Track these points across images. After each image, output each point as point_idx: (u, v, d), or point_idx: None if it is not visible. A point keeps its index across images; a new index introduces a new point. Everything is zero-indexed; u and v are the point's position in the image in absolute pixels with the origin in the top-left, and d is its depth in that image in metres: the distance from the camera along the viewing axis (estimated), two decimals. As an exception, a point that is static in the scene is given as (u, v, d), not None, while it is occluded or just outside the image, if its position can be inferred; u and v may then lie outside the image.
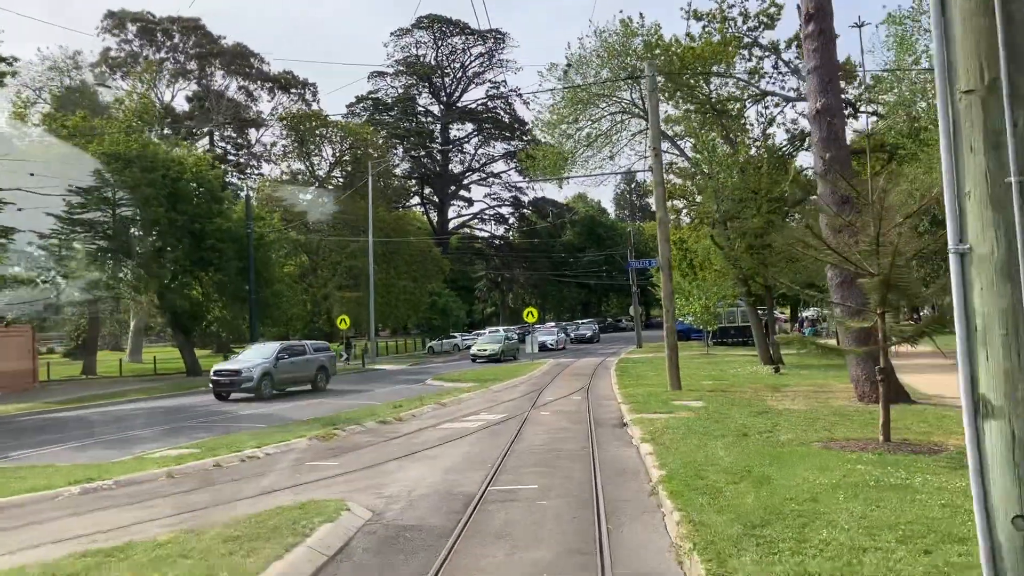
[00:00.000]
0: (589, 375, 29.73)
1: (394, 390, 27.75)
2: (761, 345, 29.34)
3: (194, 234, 37.73)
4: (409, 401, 21.79)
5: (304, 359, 28.07)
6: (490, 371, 32.50)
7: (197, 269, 39.28)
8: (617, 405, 19.05)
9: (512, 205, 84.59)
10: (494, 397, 22.83)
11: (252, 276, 38.37)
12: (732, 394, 19.80)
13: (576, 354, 46.36)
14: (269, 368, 26.08)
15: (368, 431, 16.50)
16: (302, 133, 53.51)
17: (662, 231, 21.26)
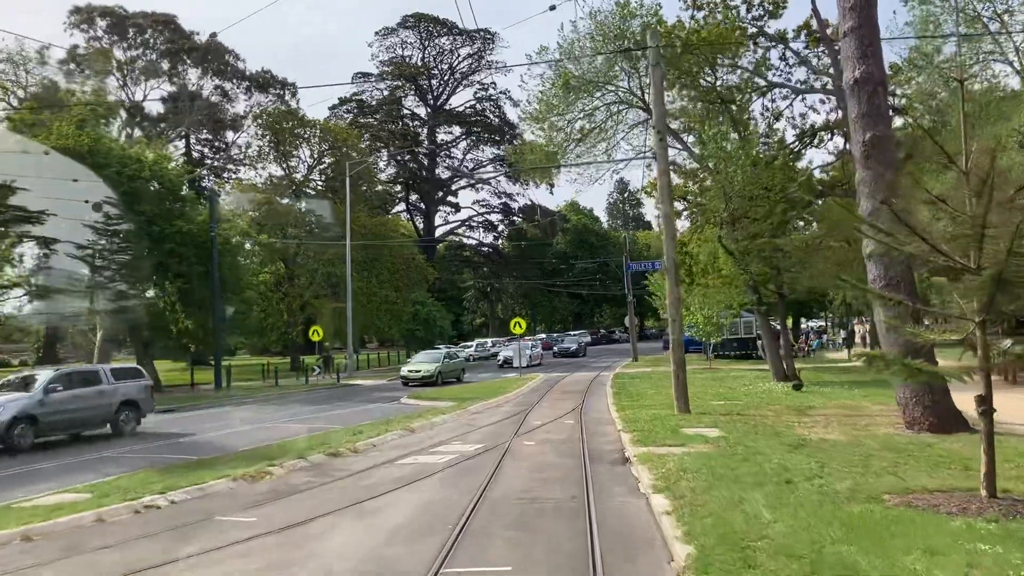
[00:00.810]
0: (582, 392, 26.72)
1: (362, 410, 24.66)
2: (774, 359, 26.39)
3: (153, 237, 34.66)
4: (373, 426, 18.71)
5: (96, 391, 19.36)
6: (470, 389, 29.46)
7: (156, 275, 36.18)
8: (616, 433, 16.03)
9: (502, 212, 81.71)
10: (472, 420, 19.78)
11: (216, 282, 35.25)
12: (751, 418, 16.81)
13: (567, 368, 43.33)
14: (29, 407, 17.50)
15: (313, 468, 13.43)
16: (278, 133, 50.48)
17: (668, 228, 18.32)
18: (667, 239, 18.28)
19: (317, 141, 52.67)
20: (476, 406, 22.76)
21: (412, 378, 34.27)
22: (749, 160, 24.79)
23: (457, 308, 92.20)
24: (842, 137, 34.39)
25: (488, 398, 25.21)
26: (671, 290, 18.34)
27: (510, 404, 23.92)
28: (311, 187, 54.20)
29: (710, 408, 19.18)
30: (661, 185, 18.25)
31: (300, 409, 25.91)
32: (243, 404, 29.58)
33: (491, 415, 20.80)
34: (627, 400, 22.06)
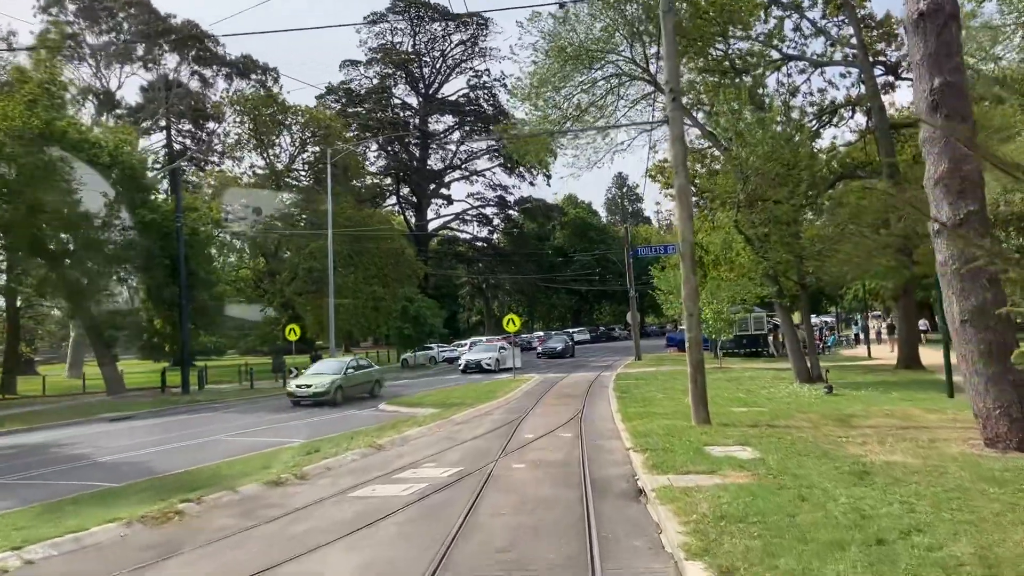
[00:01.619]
0: (582, 397, 23.83)
1: (333, 419, 21.77)
2: (796, 358, 23.51)
3: (111, 227, 31.81)
4: (336, 441, 15.82)
5: None
6: (458, 392, 26.54)
7: (118, 269, 33.31)
8: (624, 451, 13.15)
9: (497, 205, 78.62)
10: (454, 433, 16.88)
11: (183, 276, 32.32)
12: (786, 432, 13.94)
13: (562, 368, 40.45)
14: None
15: (239, 504, 10.56)
16: (257, 120, 47.47)
17: (682, 204, 15.40)
18: (682, 217, 15.38)
19: (300, 128, 49.66)
20: (462, 414, 19.85)
21: (301, 396, 25.55)
22: (769, 134, 21.91)
23: (453, 305, 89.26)
24: (864, 115, 31.57)
25: (477, 404, 22.31)
26: (687, 279, 15.45)
27: (501, 411, 21.02)
28: (293, 177, 51.20)
29: (733, 417, 16.31)
30: (675, 154, 15.33)
31: (265, 417, 23.01)
32: (206, 411, 26.71)
33: (476, 426, 17.91)
34: (634, 406, 19.16)
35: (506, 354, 40.33)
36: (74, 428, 22.65)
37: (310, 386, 25.75)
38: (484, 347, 42.95)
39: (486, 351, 41.28)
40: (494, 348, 41.57)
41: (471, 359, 40.29)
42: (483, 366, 38.89)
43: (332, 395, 25.63)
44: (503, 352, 40.54)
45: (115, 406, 29.01)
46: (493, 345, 42.80)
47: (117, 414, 26.29)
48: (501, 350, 40.75)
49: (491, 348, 41.96)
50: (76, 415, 26.14)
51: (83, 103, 49.94)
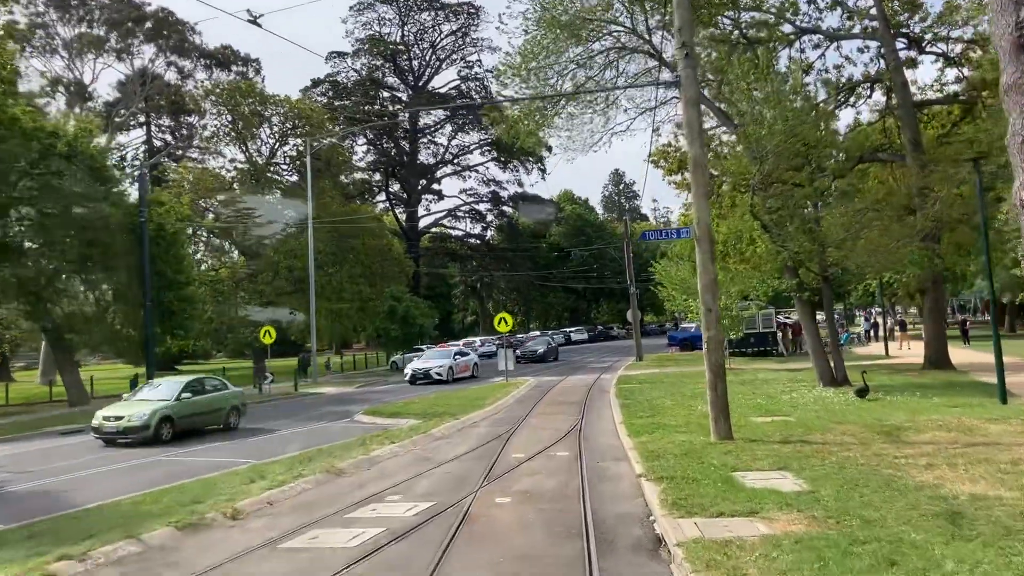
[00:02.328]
0: (580, 404, 21.41)
1: (299, 432, 19.31)
2: (819, 359, 21.08)
3: (70, 223, 29.32)
4: (289, 464, 13.34)
5: None
6: (443, 400, 24.05)
7: (78, 268, 30.81)
8: (633, 478, 10.72)
9: (491, 201, 76.02)
10: (431, 451, 14.43)
11: (147, 276, 29.82)
12: (825, 448, 11.55)
13: (557, 371, 38.02)
14: None
15: (138, 559, 8.16)
16: (235, 110, 44.92)
17: (697, 179, 12.95)
18: (697, 195, 12.94)
19: (280, 120, 47.13)
20: (443, 427, 17.40)
21: (108, 432, 18.29)
22: (789, 108, 19.51)
23: (447, 306, 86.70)
24: (883, 94, 29.20)
25: (463, 414, 19.87)
26: (704, 268, 13.01)
27: (488, 422, 18.59)
28: (274, 172, 48.65)
29: (757, 430, 13.90)
30: (688, 119, 12.90)
31: (223, 432, 20.53)
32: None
33: (459, 442, 15.47)
34: (640, 416, 16.73)
35: (464, 361, 35.84)
36: (11, 445, 20.14)
37: (122, 418, 18.20)
38: (436, 354, 37.45)
39: (437, 359, 35.66)
40: (447, 355, 36.20)
41: (419, 368, 34.45)
42: (433, 376, 33.51)
43: (154, 430, 17.99)
44: (459, 359, 35.77)
45: (71, 418, 26.51)
46: (447, 351, 37.40)
47: (70, 427, 23.80)
48: (457, 357, 35.90)
49: (444, 355, 36.44)
50: (23, 429, 23.67)
51: (52, 95, 47.35)
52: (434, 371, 33.80)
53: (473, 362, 36.89)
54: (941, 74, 28.14)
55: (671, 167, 30.45)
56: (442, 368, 34.01)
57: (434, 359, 35.56)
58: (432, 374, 33.66)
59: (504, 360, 30.60)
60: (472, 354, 37.79)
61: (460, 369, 35.24)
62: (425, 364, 34.83)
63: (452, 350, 37.22)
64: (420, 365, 34.68)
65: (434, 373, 33.68)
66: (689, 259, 33.91)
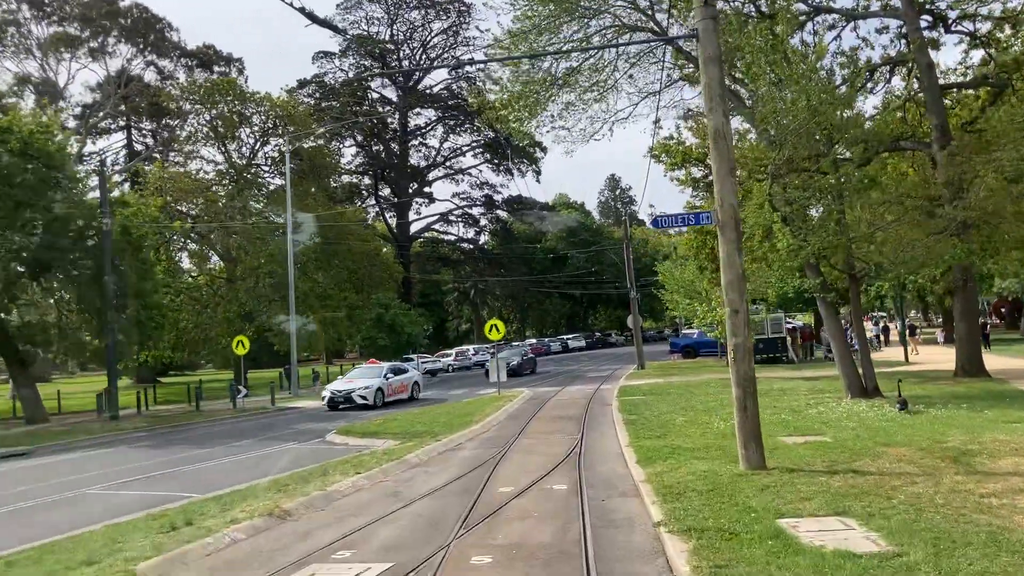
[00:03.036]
0: (579, 420, 19.11)
1: (262, 456, 16.98)
2: (847, 367, 18.79)
3: (24, 226, 27.06)
4: (228, 501, 11.03)
5: None
6: (427, 416, 21.71)
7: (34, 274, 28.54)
8: (649, 527, 8.40)
9: (484, 205, 73.73)
10: (401, 485, 12.09)
11: (108, 282, 27.53)
12: (885, 481, 9.31)
13: (550, 381, 35.74)
14: None
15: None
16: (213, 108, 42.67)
17: (720, 151, 10.69)
18: (719, 173, 10.69)
19: (262, 120, 44.83)
20: (422, 450, 15.07)
21: None
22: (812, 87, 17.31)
23: (441, 313, 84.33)
24: (903, 80, 27.06)
25: (447, 433, 17.56)
26: (730, 262, 10.73)
27: (475, 444, 16.29)
28: (255, 173, 46.30)
29: (792, 455, 11.62)
30: (708, 82, 10.66)
31: (177, 455, 18.19)
32: (119, 443, 21.90)
33: (437, 470, 13.14)
34: (649, 437, 14.44)
35: (399, 380, 29.76)
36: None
37: None
38: (364, 372, 30.54)
39: (364, 378, 29.09)
40: (378, 373, 29.45)
41: (339, 390, 28.32)
42: (356, 400, 27.54)
43: None
44: (393, 379, 29.46)
45: (17, 439, 24.16)
46: (377, 368, 30.36)
47: (9, 450, 21.43)
48: (390, 376, 29.52)
49: (373, 373, 29.58)
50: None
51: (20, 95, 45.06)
52: (357, 394, 27.72)
53: (413, 381, 30.74)
54: (966, 56, 25.98)
55: (674, 161, 28.18)
56: (368, 390, 27.83)
57: (360, 378, 29.23)
58: (355, 398, 27.65)
59: (495, 371, 28.21)
60: (412, 371, 31.95)
61: (394, 390, 29.19)
62: (347, 385, 28.61)
63: (384, 367, 30.35)
64: (341, 386, 28.73)
65: (357, 396, 27.65)
66: (696, 259, 31.78)
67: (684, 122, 27.42)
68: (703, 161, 27.84)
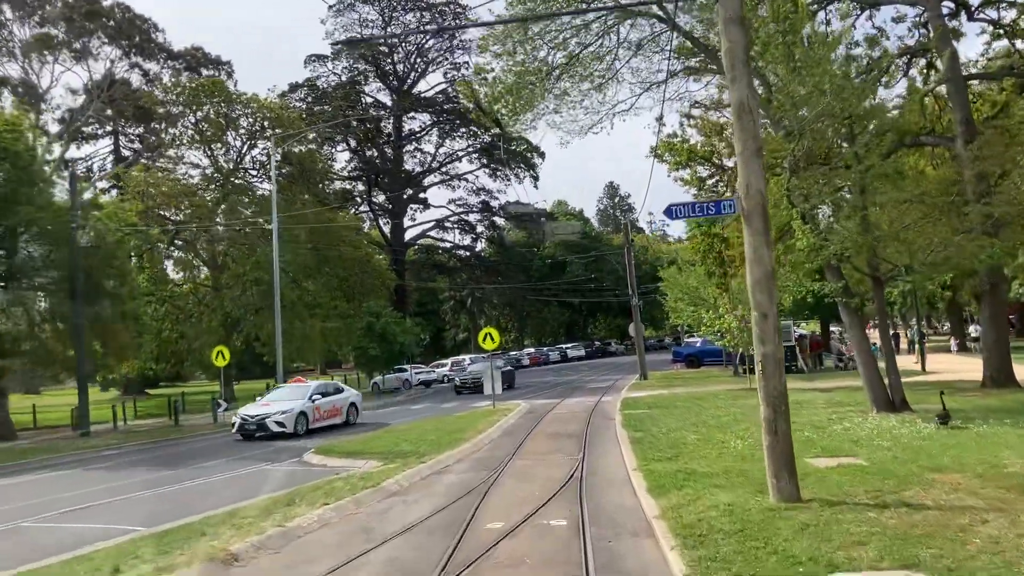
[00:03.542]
0: (580, 438, 17.49)
1: (213, 484, 15.33)
2: (872, 378, 17.18)
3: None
4: (165, 543, 9.41)
5: None
6: (416, 432, 20.03)
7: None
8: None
9: (481, 211, 72.15)
10: (374, 520, 10.47)
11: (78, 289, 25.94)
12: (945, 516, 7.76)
13: (551, 392, 34.11)
14: None
15: None
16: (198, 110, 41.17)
17: (745, 127, 9.12)
18: (744, 155, 9.14)
19: (249, 122, 43.27)
20: (404, 474, 13.42)
21: None
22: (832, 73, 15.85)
23: (438, 322, 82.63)
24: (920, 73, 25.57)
25: (435, 452, 15.95)
26: (757, 257, 9.15)
27: (464, 466, 14.67)
28: (241, 178, 44.69)
29: (828, 482, 10.03)
30: (730, 47, 9.10)
31: (135, 478, 16.56)
32: (75, 464, 20.25)
33: (418, 500, 11.53)
34: (660, 459, 12.82)
35: (329, 402, 24.51)
36: None
37: None
38: (285, 393, 24.93)
39: (283, 400, 23.75)
40: (301, 394, 24.03)
41: (250, 416, 22.84)
42: (271, 428, 22.26)
43: None
44: (321, 400, 24.09)
45: None
46: (301, 389, 24.86)
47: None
48: (317, 397, 24.10)
49: (296, 394, 24.14)
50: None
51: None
52: (273, 420, 22.32)
53: (349, 403, 25.62)
54: (988, 47, 24.53)
55: (678, 160, 26.69)
56: (286, 415, 22.44)
57: (279, 401, 23.77)
58: (269, 425, 22.24)
59: (491, 382, 26.59)
60: (348, 391, 26.68)
61: (324, 414, 24.04)
62: (261, 410, 23.08)
63: (311, 387, 24.93)
64: (254, 411, 23.18)
65: (272, 423, 22.26)
66: (703, 263, 30.20)
67: (688, 120, 25.86)
68: (709, 159, 26.39)
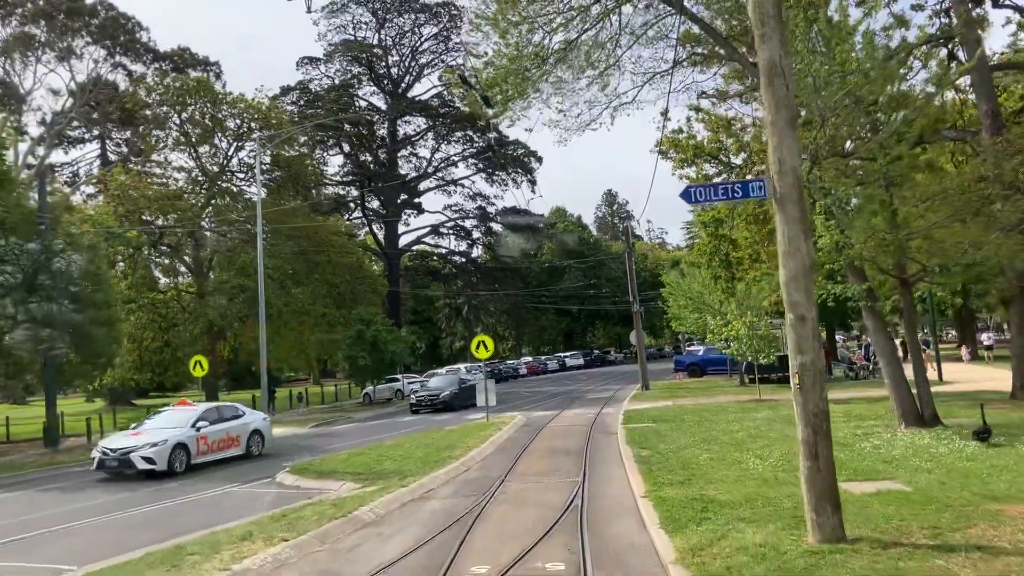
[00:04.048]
0: (580, 456, 15.95)
1: (167, 510, 13.77)
2: (901, 390, 15.66)
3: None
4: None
5: None
6: (402, 449, 18.42)
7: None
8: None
9: (477, 217, 70.63)
10: (338, 559, 8.92)
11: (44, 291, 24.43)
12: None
13: (547, 403, 32.57)
14: None
15: None
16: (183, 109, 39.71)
17: (777, 96, 7.68)
18: (776, 123, 7.69)
19: (236, 124, 41.81)
20: (381, 501, 11.87)
21: None
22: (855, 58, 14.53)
23: (435, 331, 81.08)
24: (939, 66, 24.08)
25: (419, 473, 14.40)
26: (793, 247, 7.67)
27: (449, 489, 13.12)
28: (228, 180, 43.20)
29: (871, 513, 8.57)
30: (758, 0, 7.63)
31: (94, 501, 14.96)
32: (37, 482, 18.62)
33: (393, 533, 9.99)
34: (670, 483, 11.30)
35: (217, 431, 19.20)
36: None
37: None
38: (165, 419, 19.73)
39: (160, 428, 18.76)
40: (184, 421, 18.91)
41: (110, 450, 17.88)
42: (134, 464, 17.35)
43: None
44: (207, 429, 18.87)
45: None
46: (185, 414, 19.53)
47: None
48: (203, 425, 18.88)
49: (176, 421, 19.14)
50: None
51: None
52: (139, 455, 17.40)
53: (250, 430, 20.47)
54: (1015, 39, 23.14)
55: (683, 157, 25.24)
56: (158, 449, 17.52)
57: (154, 430, 18.70)
58: (135, 460, 17.34)
59: (485, 393, 25.02)
60: (250, 416, 21.23)
61: (211, 446, 18.95)
62: (128, 441, 18.10)
63: (196, 412, 19.53)
64: (119, 443, 18.23)
65: (139, 459, 17.35)
66: (709, 266, 28.76)
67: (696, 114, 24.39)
68: (716, 156, 24.93)
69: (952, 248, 15.02)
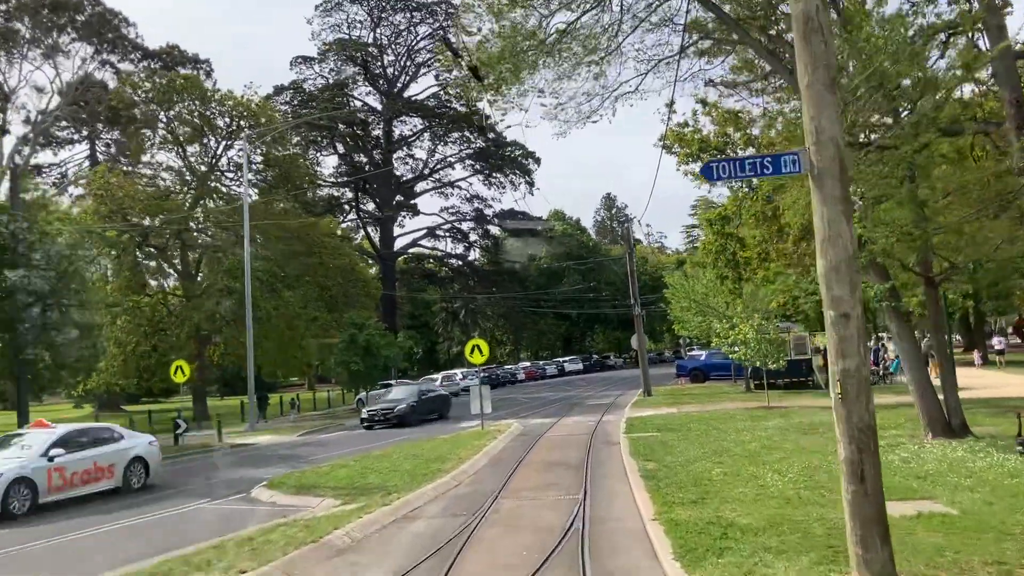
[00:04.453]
0: (579, 470, 14.75)
1: (124, 531, 12.57)
2: (928, 398, 14.48)
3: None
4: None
5: None
6: (390, 460, 17.21)
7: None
8: None
9: (474, 219, 69.47)
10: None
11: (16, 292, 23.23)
12: None
13: (544, 410, 31.37)
14: None
15: None
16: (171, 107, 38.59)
17: (815, 55, 6.53)
18: (812, 87, 6.55)
19: (226, 122, 40.65)
20: (359, 522, 10.66)
21: None
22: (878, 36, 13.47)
23: (432, 335, 79.93)
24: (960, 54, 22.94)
25: (408, 487, 13.21)
26: (835, 232, 6.48)
27: (437, 507, 11.92)
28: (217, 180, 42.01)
29: (917, 541, 7.48)
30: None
31: (44, 525, 13.76)
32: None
33: (368, 564, 8.80)
34: (682, 502, 10.11)
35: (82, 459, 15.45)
36: None
37: None
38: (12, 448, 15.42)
39: None
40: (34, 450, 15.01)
41: None
42: None
43: None
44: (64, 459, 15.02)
45: None
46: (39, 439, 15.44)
47: None
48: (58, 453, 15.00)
49: (20, 450, 15.17)
50: None
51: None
52: None
53: (128, 458, 16.65)
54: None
55: (689, 152, 24.07)
56: None
57: None
58: None
59: (479, 399, 23.79)
60: (130, 440, 17.29)
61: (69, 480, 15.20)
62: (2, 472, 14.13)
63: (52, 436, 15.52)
64: None
65: None
66: (715, 266, 27.58)
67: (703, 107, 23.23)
68: (722, 151, 23.77)
69: (984, 244, 13.87)
